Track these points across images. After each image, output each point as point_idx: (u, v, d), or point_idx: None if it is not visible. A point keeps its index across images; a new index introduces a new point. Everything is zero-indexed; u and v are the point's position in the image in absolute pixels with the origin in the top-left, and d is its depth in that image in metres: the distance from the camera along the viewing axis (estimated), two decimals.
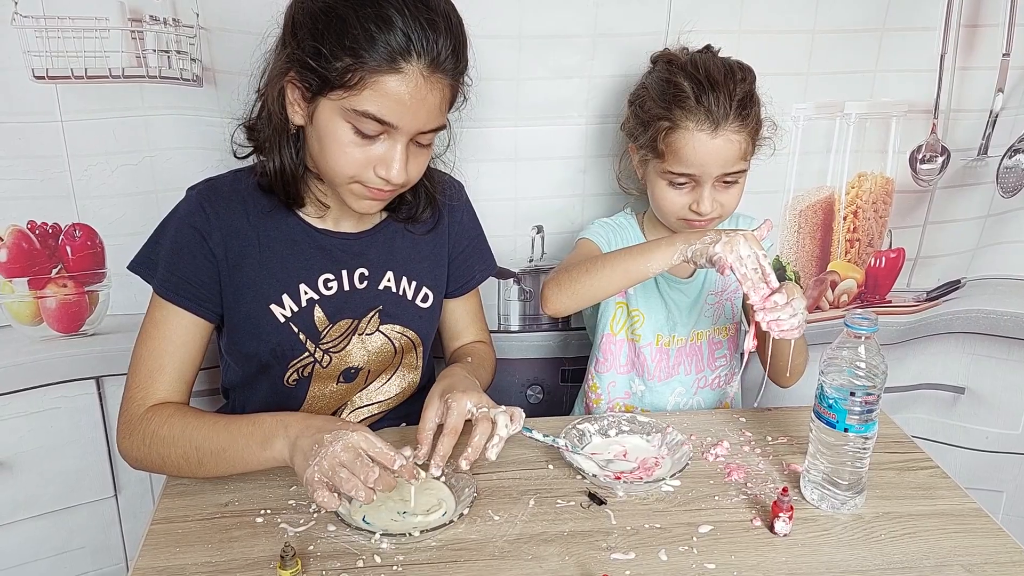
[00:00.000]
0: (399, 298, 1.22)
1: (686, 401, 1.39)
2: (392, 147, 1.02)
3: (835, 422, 0.99)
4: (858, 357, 0.98)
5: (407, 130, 1.01)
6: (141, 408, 1.07)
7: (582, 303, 1.20)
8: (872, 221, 1.57)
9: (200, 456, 1.03)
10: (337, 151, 1.02)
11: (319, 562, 0.93)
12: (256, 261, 1.13)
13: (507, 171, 1.45)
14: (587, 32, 1.36)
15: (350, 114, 0.99)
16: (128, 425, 1.07)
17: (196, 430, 1.04)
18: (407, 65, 0.97)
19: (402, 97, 0.97)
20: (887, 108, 1.48)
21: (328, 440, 0.95)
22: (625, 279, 1.15)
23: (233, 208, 1.12)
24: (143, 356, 1.10)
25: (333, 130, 1.01)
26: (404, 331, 1.23)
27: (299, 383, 1.19)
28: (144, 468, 1.09)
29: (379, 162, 1.03)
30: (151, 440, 1.05)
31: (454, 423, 1.02)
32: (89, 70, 1.26)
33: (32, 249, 1.33)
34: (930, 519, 1.02)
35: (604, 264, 1.16)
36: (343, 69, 0.96)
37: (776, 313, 1.03)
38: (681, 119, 1.18)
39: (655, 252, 1.11)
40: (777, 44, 1.41)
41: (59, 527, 1.48)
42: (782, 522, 0.98)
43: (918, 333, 1.68)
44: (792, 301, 1.04)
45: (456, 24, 1.02)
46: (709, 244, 1.05)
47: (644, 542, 0.97)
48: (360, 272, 1.18)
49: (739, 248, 1.03)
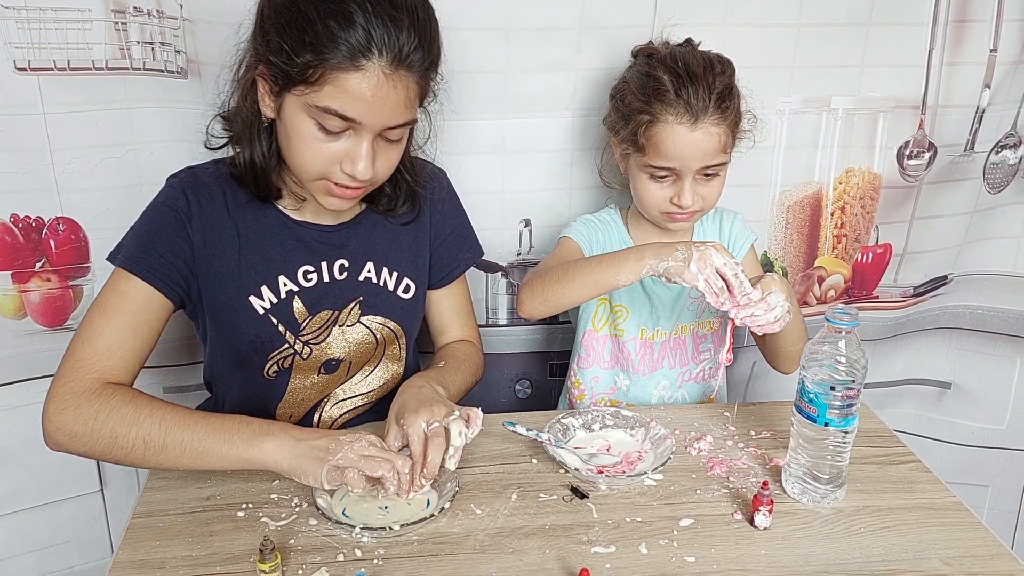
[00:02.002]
0: (380, 289, 1.21)
1: (671, 395, 1.39)
2: (357, 143, 1.01)
3: (815, 416, 1.00)
4: (838, 352, 0.98)
5: (371, 127, 1.00)
6: (95, 382, 1.02)
7: (555, 309, 1.20)
8: (859, 216, 1.57)
9: (166, 441, 0.99)
10: (303, 147, 1.02)
11: (300, 556, 0.93)
12: (235, 252, 1.12)
13: (494, 164, 1.45)
14: (574, 25, 1.36)
15: (313, 110, 0.98)
16: (73, 396, 1.00)
17: (169, 414, 1.01)
18: (368, 63, 0.95)
19: (364, 94, 0.96)
20: (874, 103, 1.49)
21: (345, 440, 0.98)
22: (595, 289, 1.16)
23: (214, 198, 1.12)
24: (99, 327, 1.04)
25: (298, 126, 1.01)
26: (386, 322, 1.23)
27: (279, 375, 1.19)
28: (77, 446, 1.01)
29: (345, 158, 1.02)
30: (108, 415, 0.99)
31: (417, 450, 1.01)
32: (72, 62, 1.25)
33: (15, 243, 1.32)
34: (910, 513, 1.03)
35: (576, 273, 1.16)
36: (304, 65, 0.95)
37: (749, 309, 1.04)
38: (661, 112, 1.18)
39: (624, 265, 1.11)
40: (763, 37, 1.41)
41: (45, 521, 1.47)
42: (762, 515, 0.98)
43: (905, 328, 1.68)
44: (768, 295, 1.04)
45: (423, 19, 1.00)
46: (682, 263, 1.05)
47: (625, 535, 0.97)
48: (340, 263, 1.18)
49: (713, 260, 1.04)
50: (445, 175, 1.30)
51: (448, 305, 1.32)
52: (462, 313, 1.34)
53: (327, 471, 0.96)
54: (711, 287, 1.05)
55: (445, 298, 1.32)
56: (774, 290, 1.05)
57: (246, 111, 1.07)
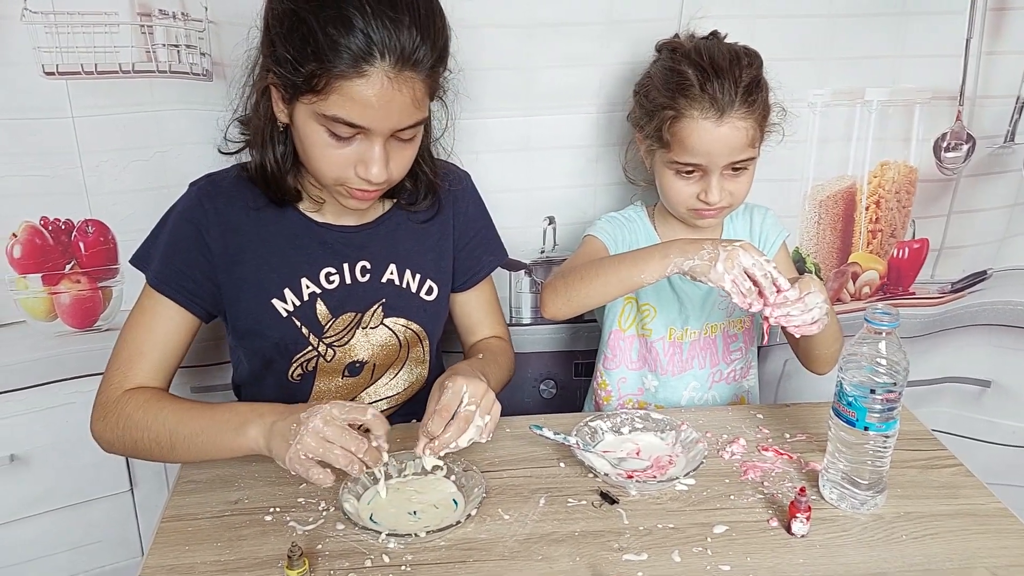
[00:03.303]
0: (402, 291, 1.20)
1: (701, 396, 1.37)
2: (369, 147, 1.00)
3: (855, 420, 0.97)
4: (878, 353, 0.95)
5: (381, 131, 0.99)
6: (117, 391, 1.08)
7: (578, 309, 1.18)
8: (895, 211, 1.54)
9: (172, 440, 1.03)
10: (316, 154, 1.02)
11: (327, 561, 0.92)
12: (256, 256, 1.13)
13: (518, 161, 1.44)
14: (599, 19, 1.34)
15: (321, 118, 0.98)
16: (103, 407, 1.08)
17: (171, 414, 1.04)
18: (370, 67, 0.94)
19: (369, 100, 0.95)
20: (910, 95, 1.45)
21: (304, 418, 0.94)
22: (620, 288, 1.14)
23: (232, 203, 1.12)
24: (126, 341, 1.10)
25: (309, 133, 1.01)
26: (408, 324, 1.22)
27: (304, 378, 1.19)
28: (117, 451, 1.09)
29: (359, 162, 1.02)
30: (125, 423, 1.05)
31: (447, 401, 0.98)
32: (99, 65, 1.25)
33: (45, 245, 1.33)
34: (953, 519, 1.00)
35: (599, 272, 1.14)
36: (309, 75, 0.95)
37: (785, 308, 1.01)
38: (686, 107, 1.16)
39: (649, 262, 1.09)
40: (793, 28, 1.38)
41: (76, 521, 1.49)
42: (800, 523, 0.96)
43: (942, 326, 1.64)
44: (805, 296, 1.01)
45: (425, 14, 0.97)
46: (708, 263, 1.03)
47: (657, 543, 0.95)
48: (362, 265, 1.18)
49: (741, 260, 1.01)
50: (469, 177, 1.29)
51: (476, 305, 1.31)
52: (491, 312, 1.33)
53: (289, 459, 0.93)
54: (738, 288, 1.02)
55: (472, 299, 1.31)
56: (813, 290, 1.02)
57: (260, 116, 1.07)
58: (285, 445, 0.94)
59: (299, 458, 0.93)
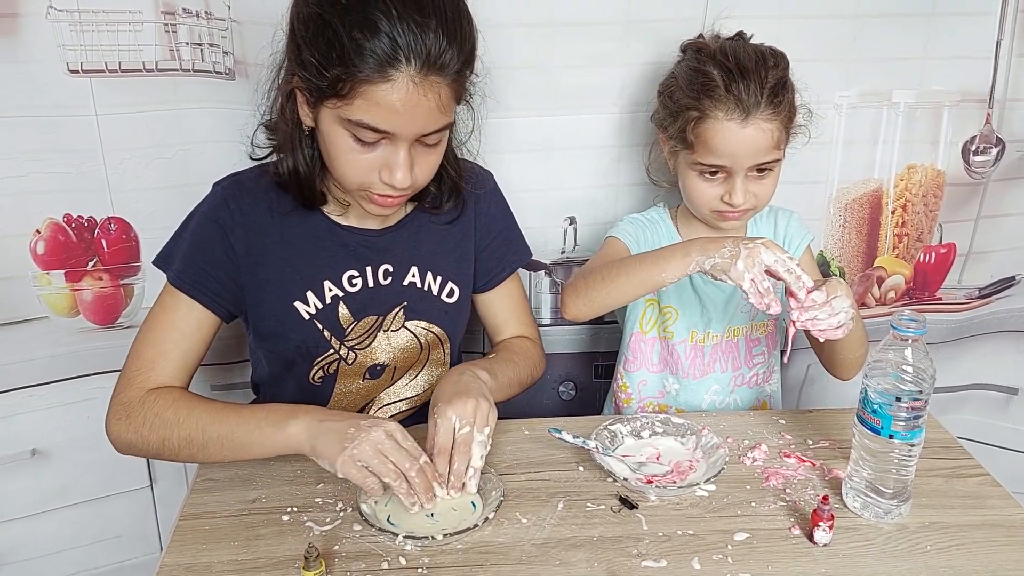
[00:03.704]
0: (424, 294, 1.20)
1: (722, 399, 1.36)
2: (394, 152, 0.99)
3: (879, 428, 0.95)
4: (905, 360, 0.93)
5: (405, 136, 0.98)
6: (141, 391, 1.06)
7: (599, 310, 1.17)
8: (922, 215, 1.51)
9: (205, 438, 1.02)
10: (340, 159, 1.01)
11: (344, 562, 0.92)
12: (279, 258, 1.12)
13: (539, 161, 1.43)
14: (621, 19, 1.33)
15: (346, 123, 0.97)
16: (124, 407, 1.06)
17: (204, 412, 1.04)
18: (395, 72, 0.92)
19: (394, 105, 0.94)
20: (938, 97, 1.43)
21: (366, 426, 0.96)
22: (641, 287, 1.13)
23: (257, 204, 1.12)
24: (147, 340, 1.09)
25: (334, 138, 1.00)
26: (430, 327, 1.21)
27: (325, 380, 1.18)
28: (135, 451, 1.07)
29: (383, 167, 1.01)
30: (153, 422, 1.04)
31: (442, 441, 1.00)
32: (123, 63, 1.26)
33: (68, 242, 1.34)
34: (980, 530, 0.98)
35: (620, 272, 1.13)
36: (334, 79, 0.94)
37: (812, 312, 1.00)
38: (710, 108, 1.15)
39: (670, 261, 1.08)
40: (819, 29, 1.36)
41: (95, 516, 1.50)
42: (822, 531, 0.94)
43: (969, 332, 1.62)
44: (832, 300, 1.00)
45: (452, 18, 0.96)
46: (729, 260, 1.02)
47: (676, 549, 0.94)
48: (385, 268, 1.17)
49: (763, 257, 1.00)
50: (492, 177, 1.28)
51: (501, 306, 1.30)
52: (517, 312, 1.31)
53: (342, 462, 0.94)
54: (756, 287, 1.01)
55: (498, 299, 1.29)
56: (840, 294, 1.01)
57: (287, 120, 1.06)
58: (339, 447, 0.95)
59: (354, 463, 0.94)
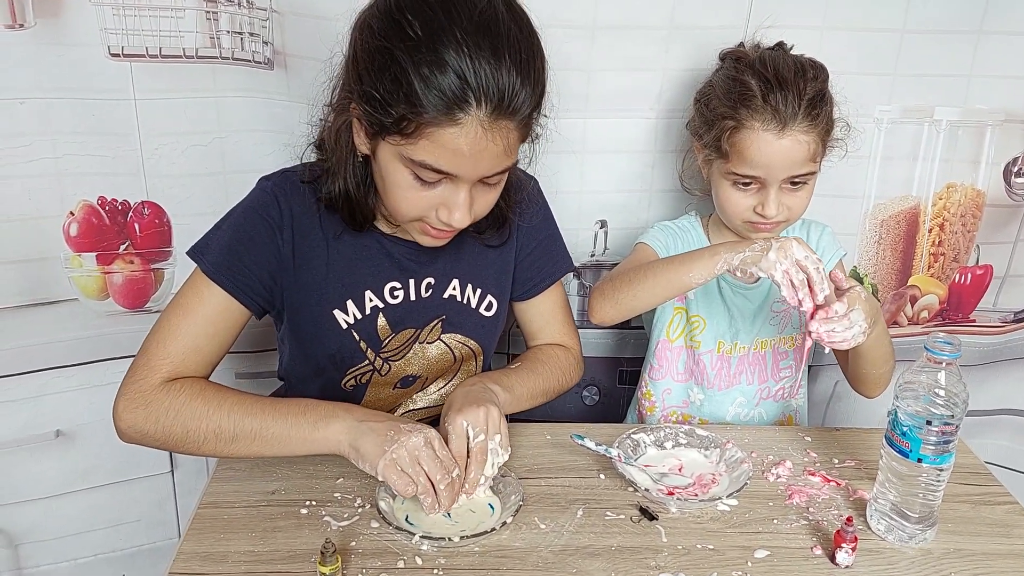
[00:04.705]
0: (463, 307, 1.17)
1: (747, 412, 1.34)
2: (455, 193, 0.96)
3: (908, 451, 0.93)
4: (937, 384, 0.91)
5: (469, 178, 0.94)
6: (163, 381, 1.02)
7: (627, 313, 1.17)
8: (959, 235, 1.49)
9: (236, 431, 0.99)
10: (398, 195, 0.97)
11: (360, 559, 0.92)
12: (323, 263, 1.09)
13: (573, 163, 1.42)
14: (663, 24, 1.32)
15: (408, 161, 0.93)
16: (143, 395, 1.01)
17: (236, 405, 1.00)
18: (464, 115, 0.88)
19: (460, 149, 0.90)
20: (982, 116, 1.40)
21: (406, 429, 0.95)
22: (667, 290, 1.12)
23: (307, 207, 1.08)
24: (175, 331, 1.04)
25: (392, 172, 0.96)
26: (465, 341, 1.19)
27: (356, 388, 1.17)
28: (147, 441, 1.02)
29: (441, 206, 0.97)
30: (178, 411, 0.99)
31: (457, 450, 0.99)
32: (164, 49, 1.27)
33: (101, 224, 1.35)
34: (1006, 559, 0.95)
35: (647, 275, 1.13)
36: (399, 118, 0.89)
37: (831, 324, 0.99)
38: (746, 118, 1.14)
39: (696, 262, 1.08)
40: (863, 42, 1.35)
41: (116, 499, 1.51)
42: (845, 553, 0.92)
43: (1002, 356, 1.58)
44: (851, 312, 0.99)
45: (526, 58, 0.90)
46: (760, 253, 1.01)
47: (695, 563, 0.93)
48: (428, 282, 1.15)
49: (794, 252, 0.99)
50: (536, 182, 1.21)
51: (537, 313, 1.26)
52: (554, 320, 1.27)
53: (384, 466, 0.94)
54: (789, 278, 1.00)
55: (535, 307, 1.26)
56: (857, 307, 1.00)
57: (342, 147, 1.02)
58: (379, 450, 0.94)
59: (395, 467, 0.94)
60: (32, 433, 1.41)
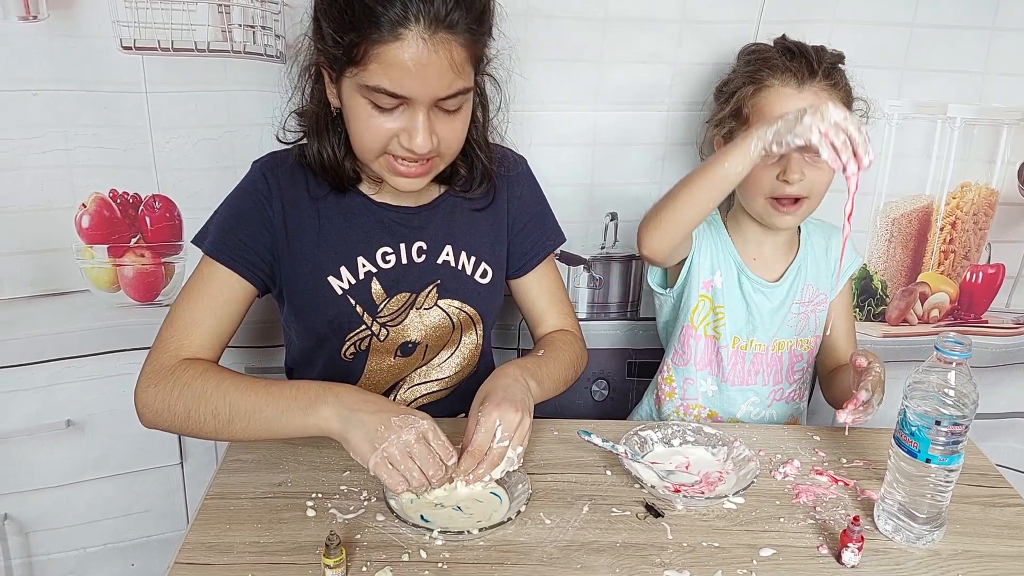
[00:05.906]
0: (457, 273, 1.20)
1: (759, 412, 1.33)
2: (412, 117, 1.00)
3: (917, 451, 0.93)
4: (947, 384, 0.91)
5: (422, 99, 0.99)
6: (174, 359, 1.05)
7: (673, 234, 1.13)
8: (970, 232, 1.48)
9: (232, 413, 1.00)
10: (360, 128, 1.03)
11: (365, 552, 0.92)
12: (315, 233, 1.14)
13: (584, 155, 1.42)
14: (675, 17, 1.32)
15: (364, 90, 0.99)
16: (155, 374, 1.04)
17: (233, 387, 1.02)
18: (405, 31, 0.94)
19: (406, 65, 0.95)
20: (997, 114, 1.39)
21: (397, 424, 0.95)
22: (708, 192, 1.07)
23: (295, 179, 1.13)
24: (182, 309, 1.09)
25: (354, 107, 1.02)
26: (463, 307, 1.21)
27: (356, 356, 1.19)
28: (161, 422, 1.04)
29: (402, 132, 1.02)
30: (182, 390, 1.02)
31: (480, 442, 0.99)
32: (176, 42, 1.27)
33: (113, 217, 1.36)
34: (1015, 562, 0.95)
35: (684, 183, 1.10)
36: (349, 45, 0.96)
37: (856, 414, 1.05)
38: (767, 78, 1.17)
39: (731, 151, 1.04)
40: (872, 36, 1.34)
41: (126, 489, 1.52)
42: (851, 552, 0.92)
43: (1015, 358, 1.57)
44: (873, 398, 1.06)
45: None
46: (794, 120, 0.96)
47: (700, 560, 0.93)
48: (418, 246, 1.18)
49: (831, 114, 0.94)
50: (525, 162, 1.27)
51: (539, 292, 1.28)
52: (554, 301, 1.29)
53: (375, 463, 0.94)
54: (828, 140, 0.94)
55: (535, 285, 1.28)
56: (878, 392, 1.07)
57: (314, 104, 1.09)
58: (369, 447, 0.94)
59: (387, 465, 0.94)
60: (43, 422, 1.43)
